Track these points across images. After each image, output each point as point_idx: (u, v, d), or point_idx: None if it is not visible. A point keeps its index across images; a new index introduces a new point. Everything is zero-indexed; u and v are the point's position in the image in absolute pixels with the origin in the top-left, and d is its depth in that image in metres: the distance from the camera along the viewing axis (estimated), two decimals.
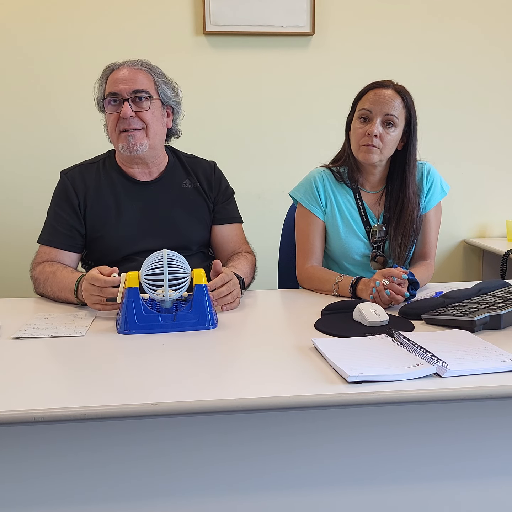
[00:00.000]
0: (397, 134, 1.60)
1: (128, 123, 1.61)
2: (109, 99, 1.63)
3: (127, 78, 1.62)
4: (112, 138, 1.68)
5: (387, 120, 1.58)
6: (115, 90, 1.62)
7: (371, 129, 1.57)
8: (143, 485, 0.99)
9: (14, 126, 2.58)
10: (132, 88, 1.61)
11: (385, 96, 1.59)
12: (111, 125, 1.65)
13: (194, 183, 1.76)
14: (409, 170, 1.64)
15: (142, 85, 1.63)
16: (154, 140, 1.66)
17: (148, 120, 1.63)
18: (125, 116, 1.60)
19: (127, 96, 1.61)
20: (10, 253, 2.59)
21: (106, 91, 1.65)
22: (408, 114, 1.61)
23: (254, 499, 1.01)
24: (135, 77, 1.63)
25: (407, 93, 1.62)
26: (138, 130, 1.63)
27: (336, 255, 1.72)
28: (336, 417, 1.01)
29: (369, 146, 1.59)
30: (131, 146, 1.63)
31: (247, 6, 2.55)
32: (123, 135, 1.63)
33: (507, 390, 0.94)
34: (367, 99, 1.61)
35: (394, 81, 1.64)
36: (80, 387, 0.96)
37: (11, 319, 1.33)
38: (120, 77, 1.62)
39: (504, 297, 1.32)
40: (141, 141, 1.63)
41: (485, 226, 2.88)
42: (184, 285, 1.28)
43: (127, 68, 1.64)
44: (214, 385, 0.96)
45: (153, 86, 1.65)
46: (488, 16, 2.71)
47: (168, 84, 1.69)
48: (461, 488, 1.05)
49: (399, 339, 1.13)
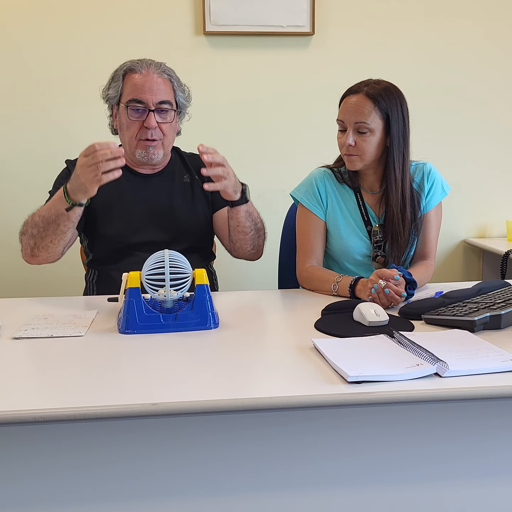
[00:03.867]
0: (376, 137, 1.57)
1: (150, 133, 1.63)
2: (132, 105, 1.62)
3: (153, 87, 1.61)
4: (129, 143, 1.68)
5: (358, 128, 1.57)
6: (142, 98, 1.61)
7: (344, 141, 1.58)
8: (143, 485, 0.99)
9: (14, 126, 2.57)
10: (158, 99, 1.62)
11: (354, 104, 1.57)
12: (131, 131, 1.65)
13: (193, 176, 1.78)
14: (398, 169, 1.61)
15: (166, 96, 1.63)
16: (168, 148, 1.72)
17: (166, 131, 1.66)
18: (150, 127, 1.61)
19: (153, 106, 1.61)
20: (9, 253, 2.59)
21: (126, 93, 1.64)
22: (385, 115, 1.56)
23: (254, 499, 1.02)
24: (160, 87, 1.63)
25: (381, 95, 1.56)
26: (157, 141, 1.65)
27: (337, 255, 1.72)
28: (336, 417, 1.01)
29: (348, 156, 1.60)
30: (149, 155, 1.66)
31: (247, 6, 2.55)
32: (142, 143, 1.65)
33: (507, 390, 0.94)
34: (340, 110, 1.62)
35: (373, 79, 1.60)
36: (80, 387, 0.96)
37: (11, 319, 1.33)
38: (146, 84, 1.61)
39: (504, 297, 1.32)
40: (158, 150, 1.67)
41: (485, 226, 2.88)
42: (186, 285, 1.28)
43: (152, 75, 1.63)
44: (214, 385, 0.96)
45: (173, 95, 1.67)
46: (489, 17, 2.71)
47: (183, 91, 1.71)
48: (461, 488, 1.05)
49: (399, 339, 1.13)
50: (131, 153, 1.69)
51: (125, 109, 1.64)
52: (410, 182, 1.66)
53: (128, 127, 1.66)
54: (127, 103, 1.63)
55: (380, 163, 1.65)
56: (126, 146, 1.70)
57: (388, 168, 1.62)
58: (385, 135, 1.59)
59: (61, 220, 1.50)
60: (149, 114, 1.61)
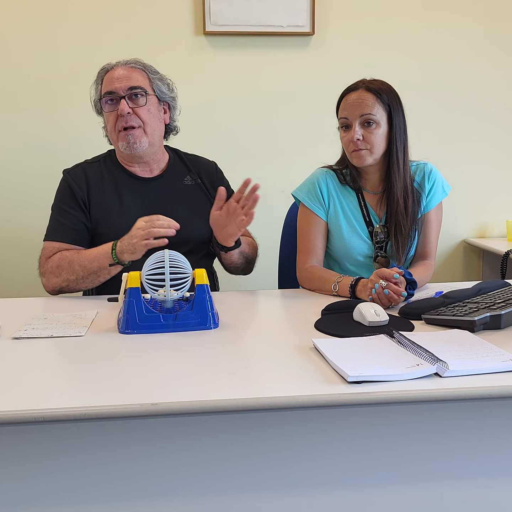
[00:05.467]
0: (382, 129, 1.59)
1: (125, 120, 1.64)
2: (106, 98, 1.66)
3: (121, 76, 1.65)
4: (111, 137, 1.71)
5: (365, 121, 1.58)
6: (111, 89, 1.65)
7: (352, 136, 1.59)
8: (143, 485, 0.99)
9: (15, 126, 2.57)
10: (127, 85, 1.64)
11: (356, 99, 1.59)
12: (110, 124, 1.68)
13: (195, 179, 1.78)
14: (402, 161, 1.62)
15: (137, 82, 1.66)
16: (153, 137, 1.69)
17: (145, 117, 1.66)
18: (122, 113, 1.63)
19: (123, 93, 1.64)
20: (10, 253, 2.59)
21: (102, 91, 1.68)
22: (387, 106, 1.59)
23: (254, 499, 1.01)
24: (129, 75, 1.66)
25: (380, 89, 1.59)
26: (136, 128, 1.65)
27: (339, 255, 1.72)
28: (336, 417, 1.01)
29: (357, 151, 1.60)
30: (131, 144, 1.66)
31: (247, 6, 2.55)
32: (122, 134, 1.66)
33: (507, 390, 0.94)
34: (342, 107, 1.63)
35: (368, 79, 1.63)
36: (80, 387, 0.96)
37: (11, 319, 1.33)
38: (115, 76, 1.66)
39: (504, 297, 1.32)
40: (140, 138, 1.66)
41: (485, 226, 2.88)
42: (186, 285, 1.28)
43: (121, 67, 1.68)
44: (214, 385, 0.96)
45: (148, 83, 1.69)
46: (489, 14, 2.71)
47: (162, 81, 1.73)
48: (461, 487, 1.05)
49: (399, 339, 1.13)
50: (118, 149, 1.71)
51: (101, 105, 1.68)
52: (411, 179, 1.66)
53: (107, 121, 1.69)
54: (102, 98, 1.68)
55: (384, 160, 1.65)
56: (114, 144, 1.72)
57: (392, 162, 1.63)
58: (389, 128, 1.61)
59: (102, 273, 1.56)
60: (120, 101, 1.64)
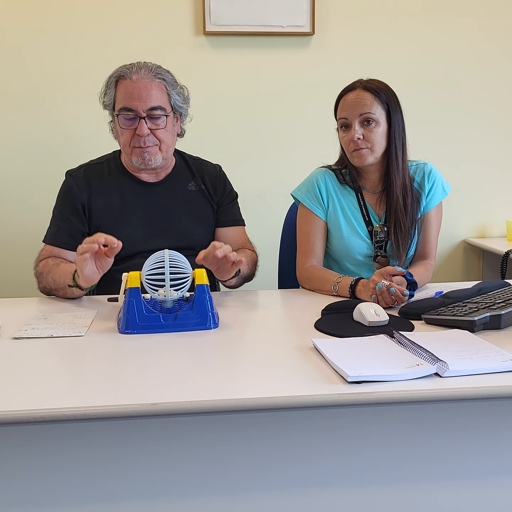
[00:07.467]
0: (381, 128, 1.60)
1: (143, 141, 1.61)
2: (123, 115, 1.60)
3: (143, 94, 1.58)
4: (124, 150, 1.68)
5: (364, 120, 1.59)
6: (131, 106, 1.59)
7: (352, 135, 1.59)
8: (143, 485, 0.99)
9: (16, 125, 2.57)
10: (148, 106, 1.59)
11: (354, 98, 1.59)
12: (125, 139, 1.64)
13: (199, 185, 1.77)
14: (401, 159, 1.63)
15: (157, 101, 1.60)
16: (167, 153, 1.68)
17: (162, 136, 1.63)
18: (142, 135, 1.59)
19: (143, 114, 1.59)
20: (10, 253, 2.59)
21: (118, 101, 1.62)
22: (385, 105, 1.60)
23: (254, 499, 1.02)
24: (150, 93, 1.59)
25: (378, 87, 1.60)
26: (152, 147, 1.63)
27: (338, 255, 1.72)
28: (336, 417, 1.01)
29: (357, 151, 1.60)
30: (146, 161, 1.64)
31: (247, 6, 2.55)
32: (137, 151, 1.63)
33: (507, 390, 0.94)
34: (341, 108, 1.63)
35: (364, 79, 1.64)
36: (80, 387, 0.96)
37: (11, 319, 1.33)
38: (135, 92, 1.58)
39: (504, 297, 1.32)
40: (155, 155, 1.64)
41: (485, 226, 2.88)
42: (186, 285, 1.28)
43: (142, 80, 1.59)
44: (214, 385, 0.96)
45: (166, 99, 1.63)
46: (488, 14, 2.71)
47: (180, 93, 1.67)
48: (461, 488, 1.05)
49: (399, 339, 1.13)
50: (129, 160, 1.68)
51: (117, 118, 1.63)
52: (410, 178, 1.67)
53: (121, 135, 1.65)
54: (119, 111, 1.61)
55: (383, 158, 1.65)
56: (127, 156, 1.69)
57: (391, 160, 1.63)
58: (388, 126, 1.61)
59: (67, 290, 1.52)
60: (140, 121, 1.59)
